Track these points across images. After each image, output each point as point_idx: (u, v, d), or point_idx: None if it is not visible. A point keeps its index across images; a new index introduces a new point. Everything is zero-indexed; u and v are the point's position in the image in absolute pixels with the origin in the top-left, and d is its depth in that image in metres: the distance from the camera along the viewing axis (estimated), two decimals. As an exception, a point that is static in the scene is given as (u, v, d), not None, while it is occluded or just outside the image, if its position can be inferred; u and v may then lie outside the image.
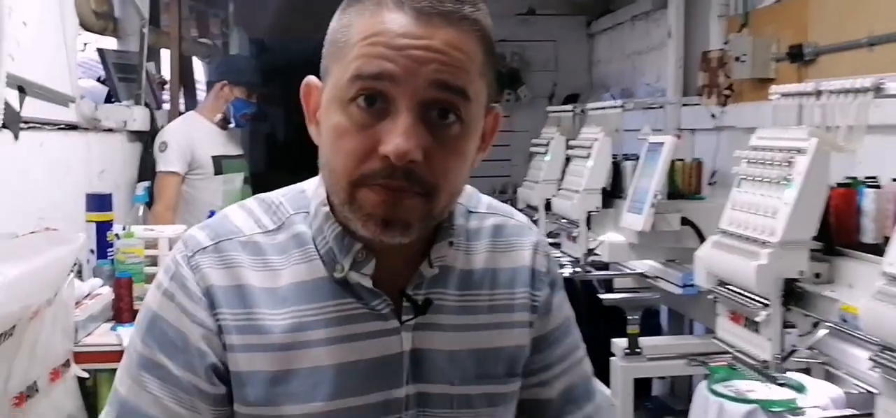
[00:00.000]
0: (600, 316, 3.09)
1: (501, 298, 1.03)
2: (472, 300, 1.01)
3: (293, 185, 1.02)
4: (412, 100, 0.85)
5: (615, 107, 3.11)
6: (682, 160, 3.07)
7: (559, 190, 3.32)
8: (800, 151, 1.67)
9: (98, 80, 3.80)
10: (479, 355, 1.00)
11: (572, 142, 3.32)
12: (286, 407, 0.93)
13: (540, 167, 3.65)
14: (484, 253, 1.03)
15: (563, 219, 3.22)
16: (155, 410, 0.93)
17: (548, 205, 3.43)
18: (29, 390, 1.57)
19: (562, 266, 3.19)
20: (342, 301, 0.95)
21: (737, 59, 3.52)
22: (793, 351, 1.75)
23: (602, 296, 2.97)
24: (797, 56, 3.24)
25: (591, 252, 3.11)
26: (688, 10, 4.41)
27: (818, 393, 1.77)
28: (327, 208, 0.96)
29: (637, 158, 2.97)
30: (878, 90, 1.56)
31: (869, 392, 1.74)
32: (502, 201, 1.13)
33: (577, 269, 3.15)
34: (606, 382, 2.97)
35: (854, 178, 1.88)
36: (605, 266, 3.18)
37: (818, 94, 1.72)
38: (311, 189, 1.00)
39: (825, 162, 1.67)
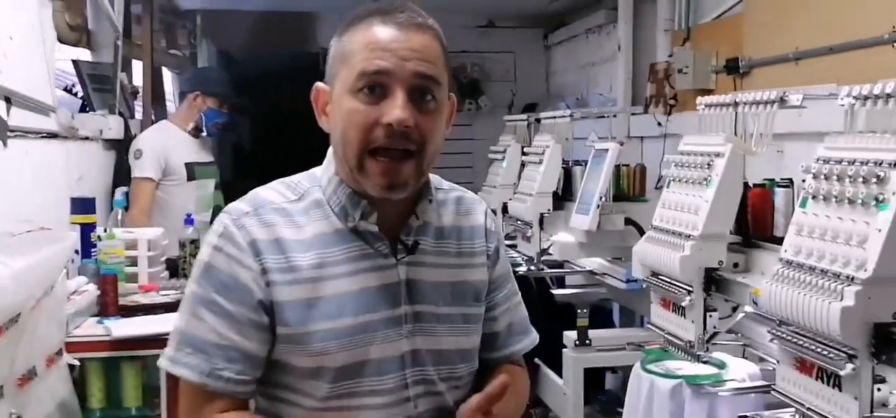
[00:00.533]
0: (554, 311, 3.30)
1: (465, 247, 1.40)
2: (444, 247, 1.37)
3: (306, 171, 1.37)
4: (402, 86, 1.22)
5: (565, 116, 3.34)
6: (627, 165, 3.30)
7: (515, 194, 3.53)
8: (718, 155, 1.90)
9: (65, 89, 3.93)
10: (453, 285, 1.36)
11: (527, 149, 3.54)
12: (317, 324, 1.25)
13: (497, 173, 3.87)
14: (451, 215, 1.40)
15: (519, 220, 3.43)
16: (211, 336, 1.24)
17: (505, 209, 3.64)
18: (29, 373, 1.73)
19: (518, 265, 3.41)
20: (353, 244, 1.29)
21: (680, 71, 3.77)
22: (715, 333, 1.98)
23: (554, 292, 3.19)
24: (733, 68, 3.51)
25: (544, 251, 3.32)
26: (637, 24, 4.66)
27: (737, 369, 2.00)
28: (338, 177, 1.30)
29: (586, 164, 3.20)
30: (781, 101, 1.79)
31: (780, 366, 1.96)
32: None
33: (532, 268, 3.36)
34: (559, 373, 3.18)
35: (771, 180, 2.11)
36: (558, 264, 3.40)
37: (735, 104, 1.95)
38: (321, 169, 1.35)
39: (739, 164, 1.90)
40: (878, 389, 1.37)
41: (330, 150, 1.35)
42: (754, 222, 2.03)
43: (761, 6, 3.42)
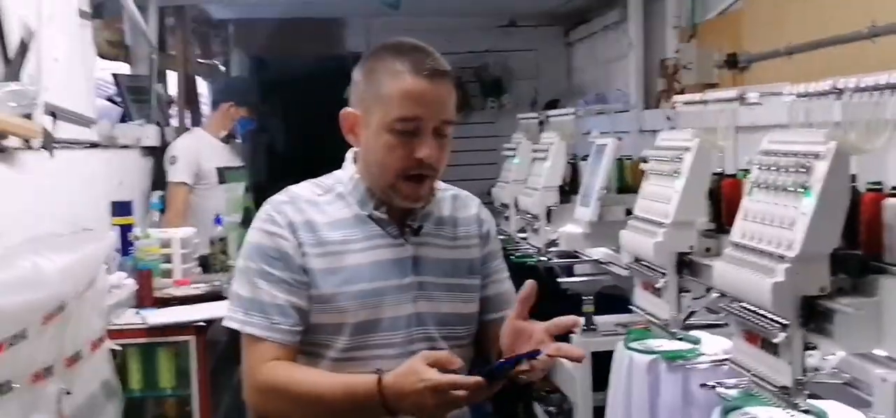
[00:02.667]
0: (563, 300, 3.48)
1: (461, 232, 1.72)
2: (443, 232, 1.70)
3: (331, 173, 1.69)
4: (430, 128, 1.56)
5: (569, 114, 3.52)
6: (629, 158, 3.47)
7: (525, 188, 3.72)
8: (687, 149, 2.08)
9: (108, 99, 4.22)
10: (452, 261, 1.69)
11: (534, 146, 3.73)
12: (339, 288, 1.58)
13: (510, 169, 4.06)
14: (448, 209, 1.73)
15: (528, 213, 3.62)
16: (267, 298, 1.56)
17: (516, 203, 3.83)
18: (75, 356, 1.98)
19: (529, 255, 3.60)
20: (369, 227, 1.63)
21: (685, 66, 3.92)
22: (692, 313, 2.15)
23: (560, 281, 3.37)
24: (733, 64, 3.64)
25: (552, 242, 3.50)
26: (649, 20, 4.79)
27: (711, 345, 2.17)
28: (358, 176, 1.64)
29: (592, 159, 3.35)
30: (741, 99, 1.96)
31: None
32: (484, 203, 1.84)
33: (541, 258, 3.54)
34: (569, 358, 3.35)
35: (745, 171, 2.27)
36: (566, 255, 3.58)
37: (705, 102, 2.12)
38: (342, 172, 1.68)
39: (707, 157, 2.07)
40: (810, 355, 1.54)
41: (349, 155, 1.69)
42: (726, 210, 2.19)
43: (760, 2, 3.56)
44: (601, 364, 3.32)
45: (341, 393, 1.52)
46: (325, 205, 1.63)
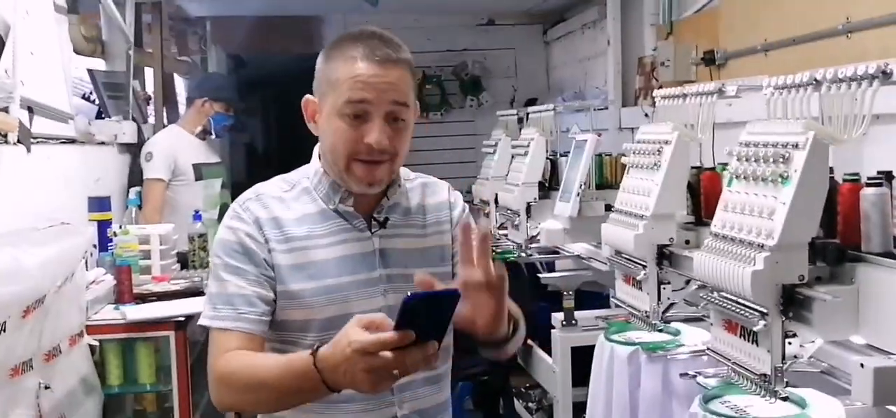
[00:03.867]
0: (544, 295, 3.50)
1: (431, 220, 1.71)
2: (412, 221, 1.68)
3: (299, 168, 1.69)
4: (380, 112, 1.53)
5: (549, 110, 3.53)
6: (609, 154, 3.50)
7: (505, 184, 3.74)
8: (667, 142, 2.10)
9: (83, 97, 4.18)
10: (421, 251, 1.67)
11: (514, 143, 3.74)
12: (306, 283, 1.57)
13: (489, 165, 4.07)
14: (417, 198, 1.71)
15: (508, 209, 3.63)
16: (234, 289, 1.55)
17: (496, 199, 3.84)
18: (54, 350, 1.96)
19: (510, 251, 3.62)
20: (335, 221, 1.61)
21: (662, 63, 3.96)
22: (671, 304, 2.17)
23: (540, 276, 3.39)
24: (710, 60, 3.69)
25: (533, 238, 3.52)
26: (626, 18, 4.83)
27: (692, 336, 2.19)
28: (323, 170, 1.62)
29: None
30: (720, 92, 1.98)
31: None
32: (464, 199, 1.82)
33: (521, 254, 3.56)
34: (549, 353, 3.37)
35: (724, 164, 2.30)
36: (546, 250, 3.60)
37: (684, 96, 2.14)
38: (309, 166, 1.67)
39: (685, 150, 2.09)
40: (790, 343, 1.56)
41: (316, 149, 1.66)
42: (705, 203, 2.22)
43: (736, 0, 3.60)
44: (581, 359, 3.35)
45: (279, 373, 1.45)
46: (291, 201, 1.62)
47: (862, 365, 1.46)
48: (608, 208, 3.27)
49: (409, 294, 1.30)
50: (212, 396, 1.57)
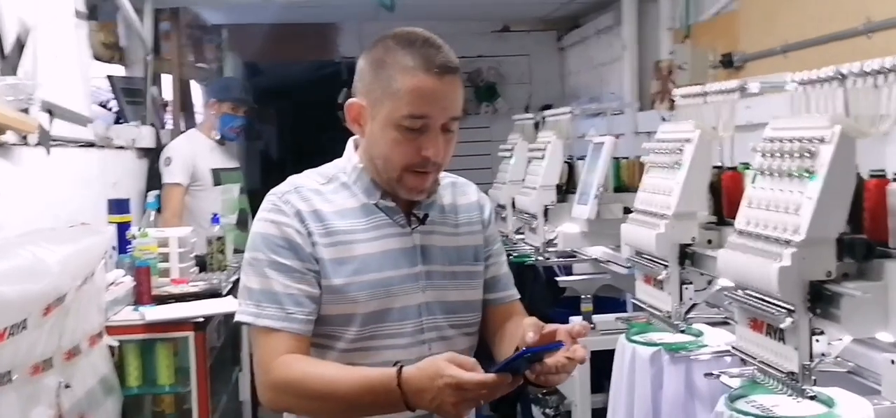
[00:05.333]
0: (561, 301, 3.48)
1: (463, 220, 1.72)
2: (447, 220, 1.69)
3: (333, 161, 1.67)
4: (438, 125, 1.54)
5: (566, 113, 3.52)
6: (626, 158, 3.48)
7: (522, 188, 3.72)
8: (688, 141, 2.08)
9: (101, 104, 4.20)
10: (457, 249, 1.68)
11: (531, 146, 3.73)
12: (349, 278, 1.56)
13: (506, 169, 4.06)
14: (449, 197, 1.72)
15: (525, 213, 3.62)
16: (280, 288, 1.52)
17: (513, 203, 3.83)
18: (74, 349, 1.97)
19: (527, 255, 3.60)
20: (376, 216, 1.61)
21: (679, 67, 3.94)
22: (693, 305, 2.15)
23: (558, 280, 3.37)
24: (728, 63, 3.67)
25: (550, 241, 3.50)
26: (642, 23, 4.82)
27: (714, 337, 2.16)
28: (361, 166, 1.62)
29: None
30: (742, 90, 1.96)
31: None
32: None
33: (539, 258, 3.54)
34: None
35: (745, 164, 2.28)
36: (564, 254, 3.58)
37: (704, 95, 2.12)
38: (344, 161, 1.66)
39: (707, 148, 2.08)
40: (817, 340, 1.54)
41: (350, 143, 1.66)
42: (728, 202, 2.20)
43: (754, 3, 3.58)
44: (600, 364, 3.33)
45: (358, 387, 1.46)
46: (329, 194, 1.60)
47: (893, 362, 1.43)
48: (627, 211, 3.26)
49: (526, 348, 1.44)
50: (263, 397, 1.55)
